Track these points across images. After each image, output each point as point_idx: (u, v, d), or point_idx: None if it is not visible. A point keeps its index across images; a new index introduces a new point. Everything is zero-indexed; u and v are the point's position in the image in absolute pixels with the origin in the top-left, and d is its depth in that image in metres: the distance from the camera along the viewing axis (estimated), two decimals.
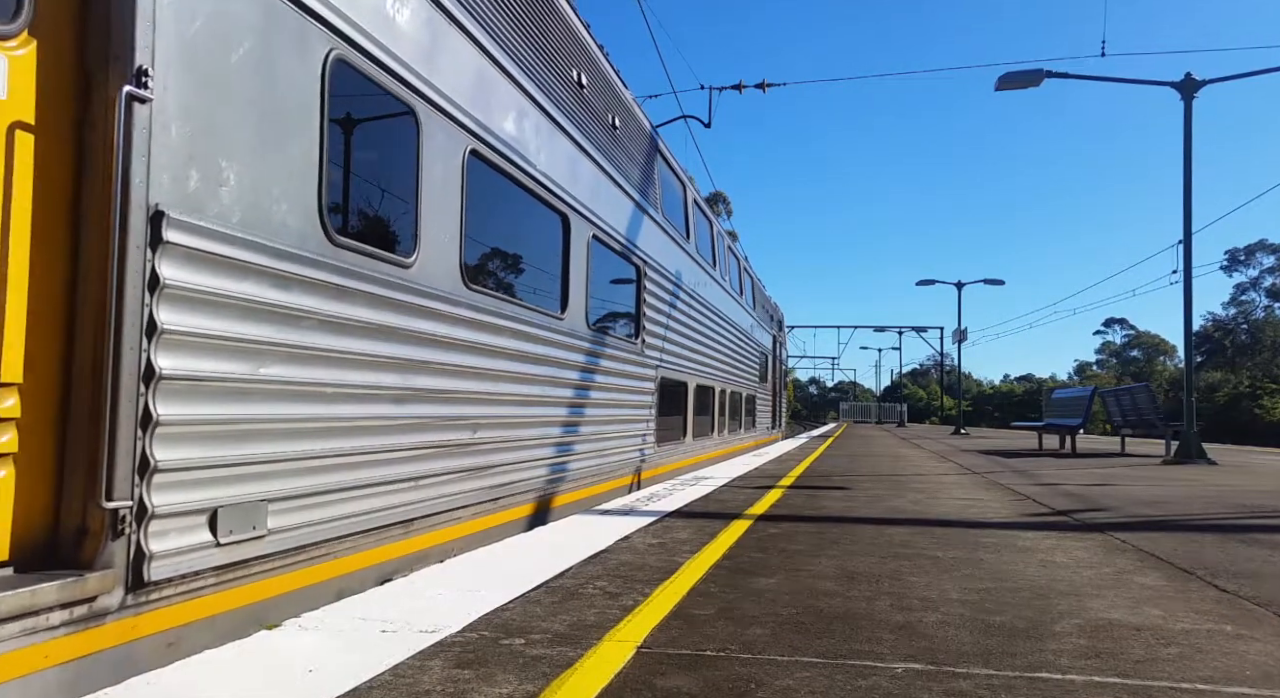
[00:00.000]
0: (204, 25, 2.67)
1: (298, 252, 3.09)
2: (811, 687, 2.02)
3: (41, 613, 2.10)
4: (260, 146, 2.93)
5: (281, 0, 3.03)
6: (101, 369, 2.31)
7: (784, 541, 4.25)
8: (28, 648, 2.08)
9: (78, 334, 2.34)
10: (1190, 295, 12.11)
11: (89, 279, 2.34)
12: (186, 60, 2.59)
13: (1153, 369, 78.08)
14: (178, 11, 2.54)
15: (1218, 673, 2.16)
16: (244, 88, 2.85)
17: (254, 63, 2.90)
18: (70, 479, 2.31)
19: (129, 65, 2.38)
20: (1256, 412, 47.86)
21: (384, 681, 2.03)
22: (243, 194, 2.83)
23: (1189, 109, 11.83)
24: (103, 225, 2.33)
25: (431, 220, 4.16)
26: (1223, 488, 7.66)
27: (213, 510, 2.67)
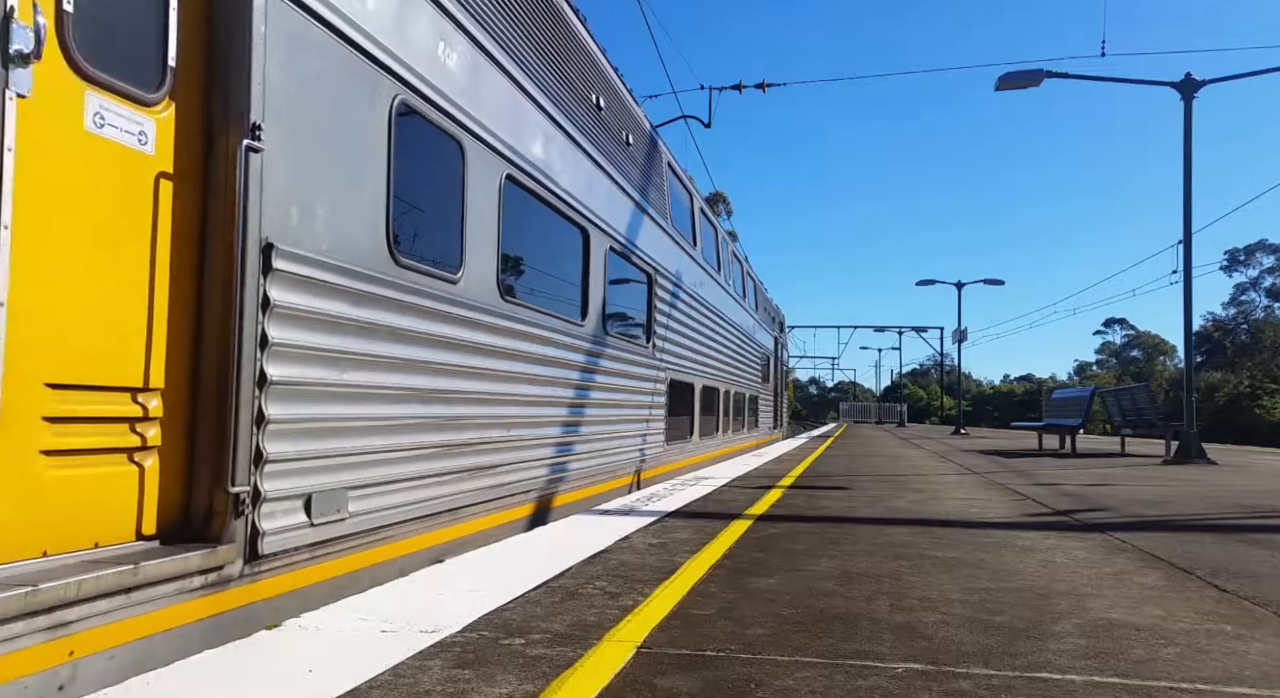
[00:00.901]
0: (301, 84, 3.13)
1: (371, 273, 3.55)
2: (811, 687, 2.02)
3: (189, 576, 2.58)
4: (342, 183, 3.40)
5: (360, 57, 3.50)
6: (226, 377, 2.76)
7: (784, 541, 4.25)
8: (179, 605, 2.55)
9: (204, 347, 2.80)
10: (1190, 295, 12.12)
11: (214, 301, 2.80)
12: (288, 115, 3.04)
13: (1153, 369, 78.08)
14: (282, 74, 2.99)
15: (1218, 673, 2.16)
16: (330, 134, 3.31)
17: (337, 112, 3.37)
18: (200, 468, 2.76)
19: (246, 122, 2.84)
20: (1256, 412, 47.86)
21: (384, 681, 2.03)
22: (329, 225, 3.29)
23: (1189, 109, 11.84)
24: (226, 256, 2.78)
25: (474, 240, 4.61)
26: (1223, 488, 7.66)
27: (308, 496, 3.12)
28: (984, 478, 8.65)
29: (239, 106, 2.84)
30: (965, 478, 8.68)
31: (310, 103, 3.18)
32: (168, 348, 2.69)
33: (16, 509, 2.20)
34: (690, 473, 9.24)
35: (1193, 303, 12.17)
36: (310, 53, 3.19)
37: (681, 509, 5.53)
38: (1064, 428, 14.64)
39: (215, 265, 2.80)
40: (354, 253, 3.44)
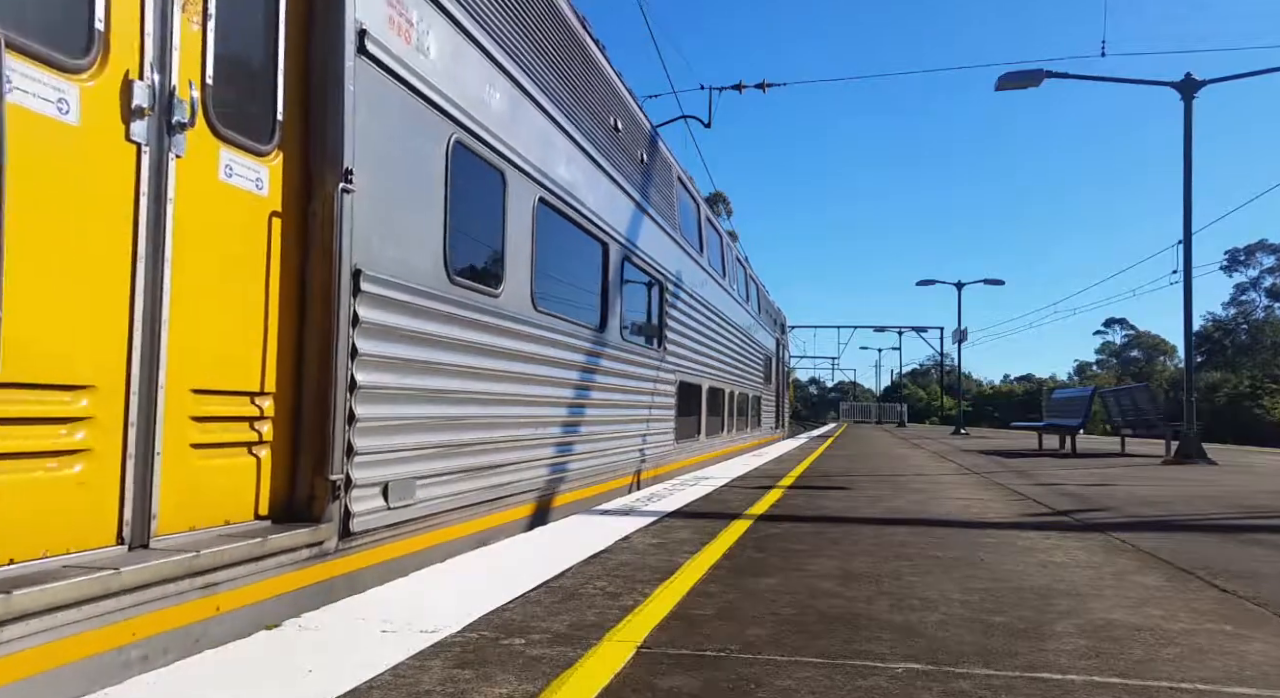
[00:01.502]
0: (381, 132, 3.62)
1: (432, 291, 4.06)
2: (811, 687, 2.02)
3: (299, 550, 3.04)
4: (410, 214, 3.91)
5: (425, 105, 4.01)
6: (325, 382, 3.27)
7: (784, 541, 4.25)
8: (289, 573, 3.01)
9: (306, 357, 3.30)
10: (1190, 295, 12.11)
11: (314, 319, 3.31)
12: (372, 160, 3.54)
13: (1153, 369, 78.06)
14: (367, 124, 3.49)
15: (1218, 673, 2.16)
16: (402, 173, 3.82)
17: (407, 154, 3.88)
18: (303, 460, 3.26)
19: (340, 167, 3.33)
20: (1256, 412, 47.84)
21: (384, 681, 2.03)
22: (402, 251, 3.80)
23: (1189, 109, 11.83)
24: (325, 281, 3.29)
25: (512, 258, 5.14)
26: (1223, 488, 7.66)
27: (385, 484, 3.62)
28: (984, 478, 8.65)
29: (335, 154, 3.35)
30: (965, 478, 8.68)
31: (388, 147, 3.70)
32: (278, 358, 3.20)
33: (175, 492, 2.71)
34: (696, 471, 9.35)
35: (1193, 303, 12.17)
36: (387, 105, 3.70)
37: (681, 509, 5.53)
38: (1064, 428, 14.64)
39: (315, 289, 3.32)
40: (419, 274, 3.96)
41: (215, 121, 2.88)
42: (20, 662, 2.03)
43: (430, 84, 4.03)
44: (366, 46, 3.50)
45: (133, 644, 2.36)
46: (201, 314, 2.82)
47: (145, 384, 2.60)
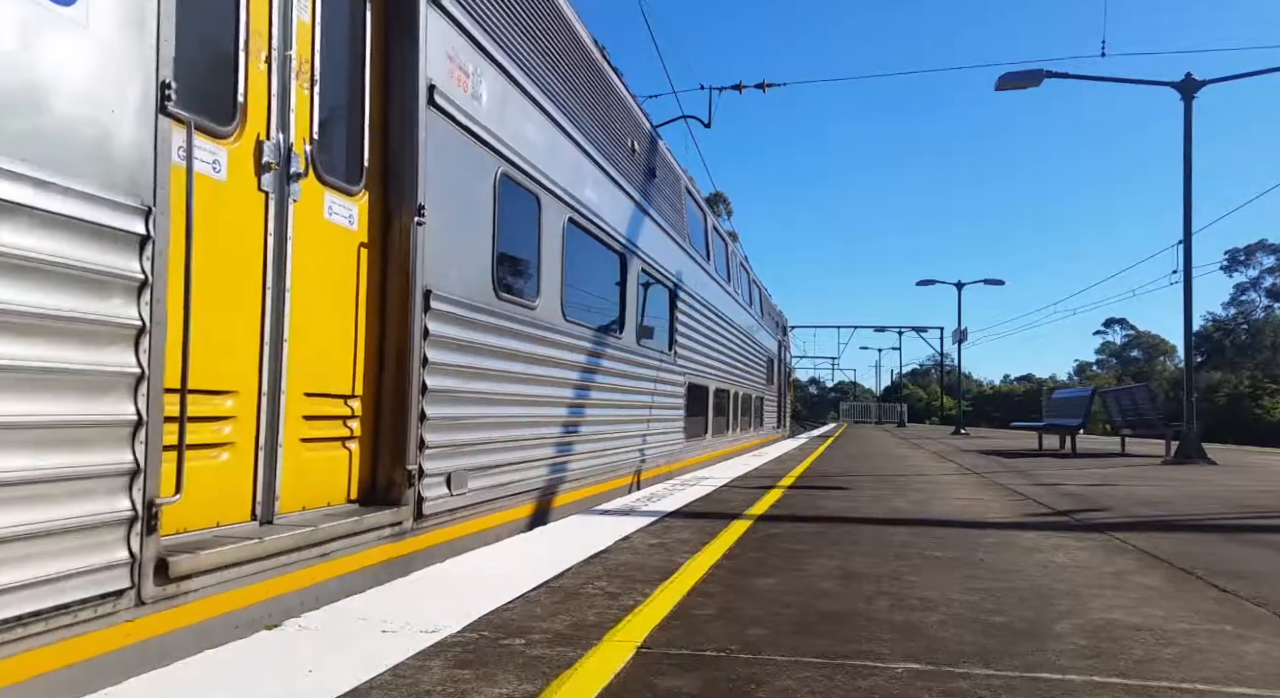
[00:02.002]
0: (445, 171, 4.19)
1: (483, 305, 4.64)
2: (811, 687, 2.02)
3: (384, 528, 3.62)
4: (467, 239, 4.48)
5: (479, 145, 4.58)
6: (402, 387, 3.83)
7: (784, 541, 4.25)
8: (376, 548, 3.56)
9: (385, 365, 3.85)
10: (1190, 295, 12.11)
11: (392, 332, 3.86)
12: (438, 195, 4.08)
13: (1153, 369, 78.05)
14: (434, 165, 4.05)
15: (1218, 673, 2.16)
16: (461, 204, 4.39)
17: (465, 188, 4.47)
18: (384, 452, 3.81)
19: (415, 204, 3.89)
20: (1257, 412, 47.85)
21: (384, 681, 2.03)
22: (460, 272, 4.37)
23: (1189, 109, 11.83)
24: (402, 301, 3.85)
25: (546, 273, 5.71)
26: (1223, 488, 7.66)
27: (448, 474, 4.19)
28: (984, 478, 8.65)
29: (410, 193, 3.89)
30: (965, 478, 8.68)
31: (450, 183, 4.26)
32: (363, 365, 3.73)
33: (293, 478, 3.25)
34: (698, 471, 9.49)
35: (1193, 303, 12.18)
36: (450, 147, 4.27)
37: (682, 509, 5.53)
38: (1064, 428, 14.63)
39: (394, 307, 3.86)
40: (474, 291, 4.55)
41: (320, 170, 3.43)
42: (200, 608, 2.62)
43: (483, 126, 4.63)
44: (435, 99, 4.06)
45: (272, 599, 2.90)
46: (310, 329, 3.38)
47: (272, 388, 3.14)
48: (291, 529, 3.02)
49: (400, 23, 3.91)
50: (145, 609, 2.40)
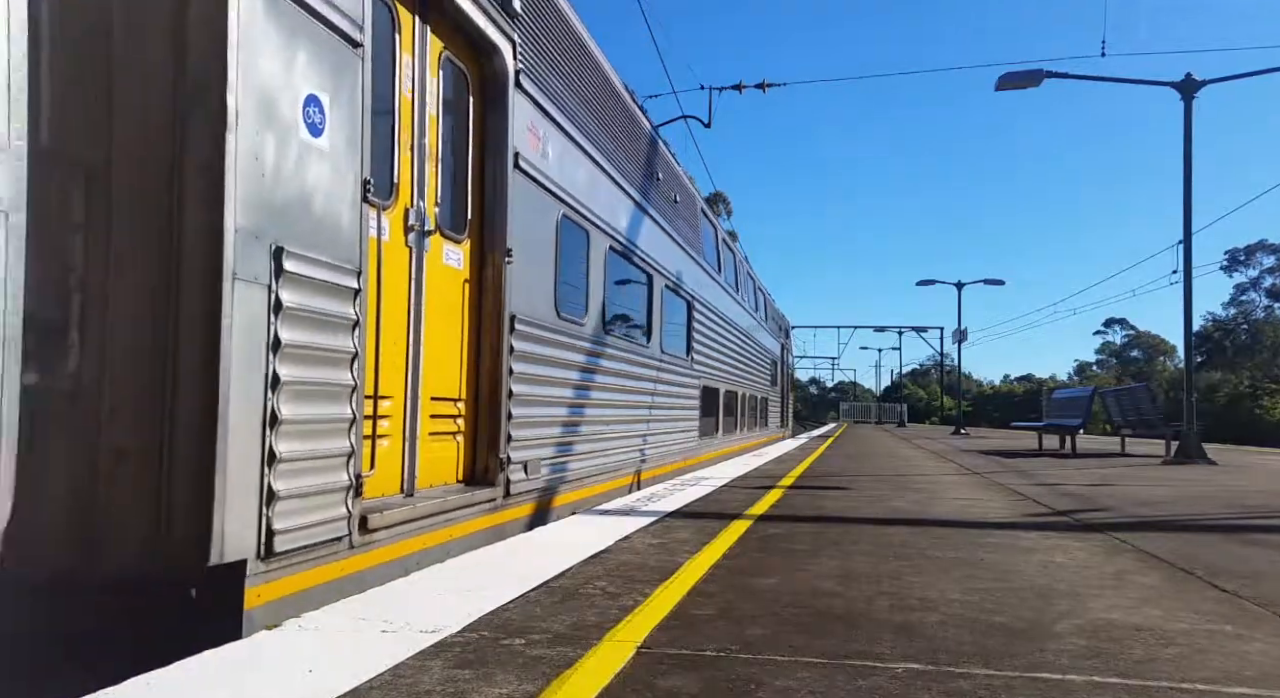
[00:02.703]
0: (525, 217, 5.15)
1: (549, 325, 5.64)
2: (811, 687, 2.02)
3: (484, 503, 4.58)
4: (537, 272, 5.44)
5: (547, 194, 5.55)
6: (495, 392, 4.81)
7: (784, 541, 4.25)
8: (480, 518, 4.54)
9: (481, 375, 4.83)
10: (1190, 296, 12.11)
11: (487, 348, 4.84)
12: (519, 238, 5.03)
13: (1153, 369, 78.02)
14: (517, 215, 4.99)
15: (1218, 673, 2.16)
16: (534, 244, 5.35)
17: (537, 230, 5.44)
18: (481, 444, 4.81)
19: (504, 246, 4.88)
20: (1257, 412, 47.81)
21: (384, 681, 2.03)
22: (533, 299, 5.33)
23: (1189, 109, 11.83)
24: (495, 324, 4.85)
25: (591, 295, 6.69)
26: (1222, 488, 7.66)
27: (525, 462, 5.16)
28: (984, 478, 8.65)
29: (501, 238, 4.88)
30: (965, 478, 8.68)
31: (527, 228, 5.20)
32: (466, 374, 4.73)
33: (424, 463, 4.21)
34: (697, 471, 9.74)
35: (1193, 303, 12.19)
36: (528, 198, 5.21)
37: (681, 509, 5.53)
38: (1064, 428, 14.64)
39: (488, 329, 4.86)
40: (541, 314, 5.53)
41: (440, 226, 4.39)
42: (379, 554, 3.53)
43: (549, 178, 5.57)
44: (519, 163, 5.03)
45: (419, 552, 3.84)
46: (433, 347, 4.32)
47: (413, 393, 4.10)
48: (429, 500, 4.03)
49: (495, 105, 4.90)
50: (354, 551, 3.34)
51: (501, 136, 4.87)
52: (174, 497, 2.60)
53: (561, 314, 5.87)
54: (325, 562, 3.13)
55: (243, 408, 2.71)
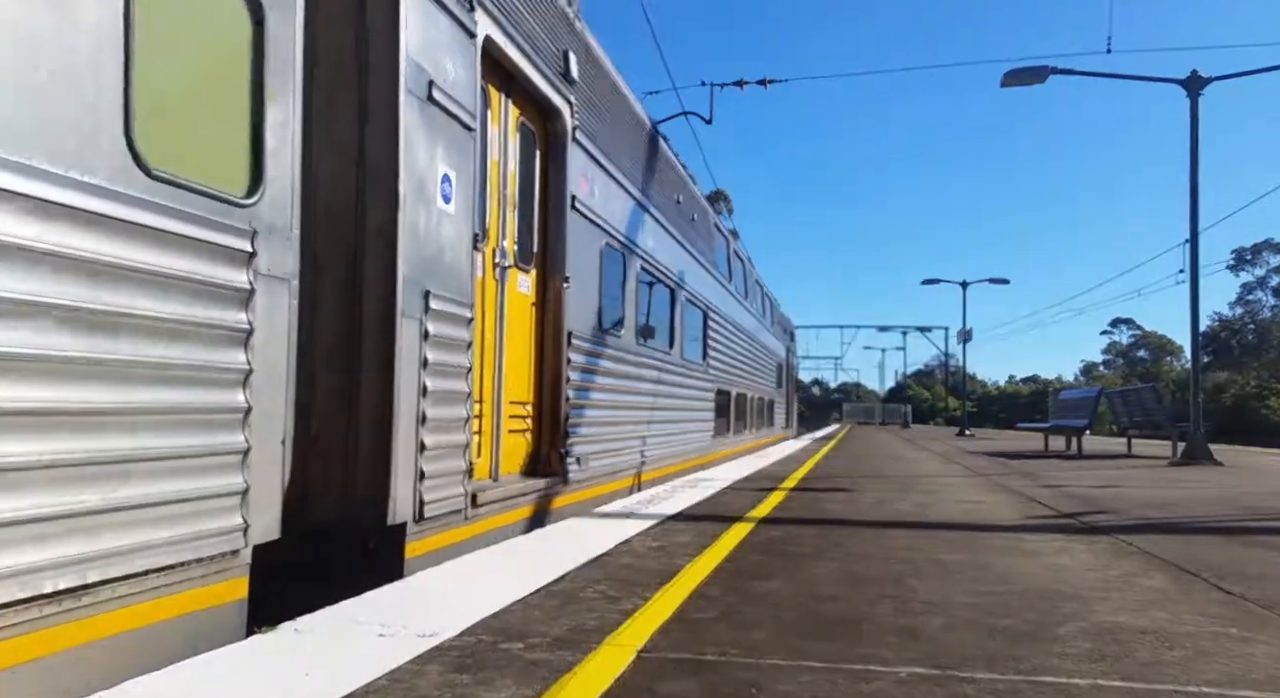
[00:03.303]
0: (578, 248, 6.09)
1: (595, 339, 6.60)
2: (814, 691, 2.00)
3: (548, 489, 5.48)
4: (586, 294, 6.36)
5: (595, 228, 6.55)
6: (556, 396, 5.75)
7: (786, 544, 4.23)
8: (543, 501, 5.37)
9: (544, 383, 5.74)
10: (1197, 295, 12.05)
11: (547, 360, 5.76)
12: (573, 266, 5.92)
13: (1159, 370, 77.77)
14: (572, 247, 5.93)
15: (1223, 676, 2.13)
16: (584, 270, 6.27)
17: (587, 258, 6.37)
18: (544, 440, 5.73)
19: (563, 274, 5.79)
20: (1263, 412, 47.64)
21: (381, 685, 2.01)
22: (584, 316, 6.29)
23: (1195, 106, 11.78)
24: (556, 340, 5.77)
25: (627, 310, 7.64)
26: (1229, 490, 7.61)
27: (579, 456, 6.07)
28: (989, 480, 8.61)
29: (560, 267, 5.82)
30: (970, 480, 8.65)
31: (579, 256, 6.12)
32: (533, 382, 5.67)
33: (504, 455, 5.12)
34: (709, 469, 10.07)
35: (1199, 303, 12.12)
36: (580, 233, 6.16)
37: (683, 512, 5.51)
38: (1070, 429, 14.58)
39: (549, 344, 5.78)
40: (589, 329, 6.43)
41: (516, 260, 5.30)
42: (478, 526, 4.43)
43: (596, 213, 6.52)
44: (575, 204, 6.00)
45: (505, 527, 4.73)
46: (510, 360, 5.20)
47: (496, 398, 5.01)
48: (511, 484, 5.05)
49: (556, 157, 5.86)
50: (466, 522, 4.26)
51: (561, 183, 5.84)
52: (359, 476, 3.53)
53: (604, 329, 6.86)
54: (450, 528, 4.11)
55: (405, 412, 3.63)
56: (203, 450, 2.64)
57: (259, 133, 3.03)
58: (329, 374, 3.51)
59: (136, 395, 2.40)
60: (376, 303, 3.60)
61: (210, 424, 2.68)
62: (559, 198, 5.82)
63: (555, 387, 5.75)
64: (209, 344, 2.67)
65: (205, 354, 2.66)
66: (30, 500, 2.09)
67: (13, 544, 2.05)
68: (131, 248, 2.38)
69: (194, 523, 2.60)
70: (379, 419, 3.55)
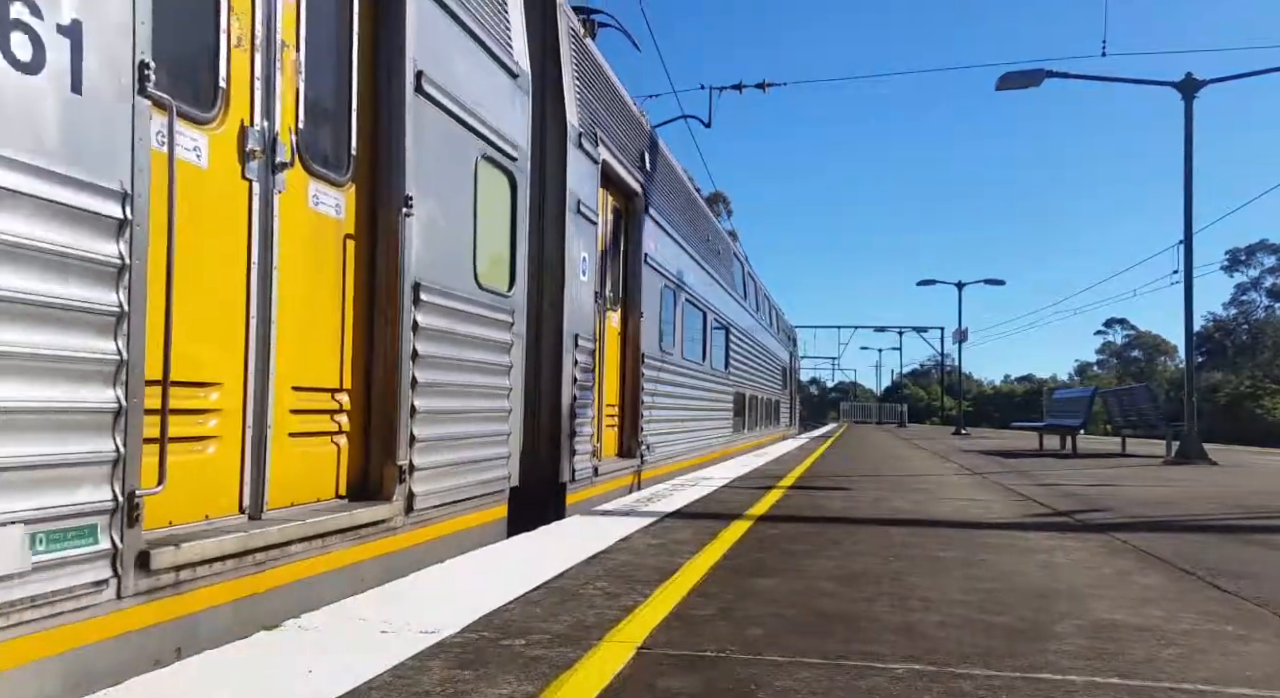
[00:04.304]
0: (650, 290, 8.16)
1: (657, 356, 8.41)
2: (812, 688, 2.02)
3: (631, 468, 7.53)
4: (653, 323, 8.15)
5: (657, 274, 8.51)
6: (635, 399, 7.75)
7: (784, 541, 4.25)
8: (630, 476, 7.51)
9: (626, 392, 7.74)
10: (1191, 296, 12.11)
11: (628, 375, 7.78)
12: (646, 304, 7.99)
13: (1154, 370, 77.98)
14: (647, 287, 8.14)
15: (1219, 674, 2.16)
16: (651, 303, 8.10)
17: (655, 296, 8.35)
18: (627, 432, 7.68)
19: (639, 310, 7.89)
20: (1257, 412, 47.79)
21: (384, 681, 2.03)
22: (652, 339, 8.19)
23: (1190, 109, 11.82)
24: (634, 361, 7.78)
25: (677, 333, 9.58)
26: (1223, 488, 7.65)
27: (647, 444, 7.89)
28: (985, 478, 8.64)
29: (637, 306, 7.72)
30: (966, 478, 8.68)
31: (649, 295, 8.04)
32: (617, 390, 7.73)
33: (605, 445, 6.95)
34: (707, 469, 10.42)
35: (1193, 303, 12.17)
36: (650, 280, 8.17)
37: (682, 510, 5.53)
38: (1065, 428, 14.63)
39: (630, 362, 7.89)
40: (654, 349, 8.27)
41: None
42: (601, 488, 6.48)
43: (659, 264, 8.49)
44: (646, 260, 7.96)
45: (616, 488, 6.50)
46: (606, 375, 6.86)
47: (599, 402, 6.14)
48: (613, 462, 6.88)
49: (634, 227, 7.84)
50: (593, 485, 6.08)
51: (638, 244, 7.86)
52: (542, 453, 5.59)
53: (664, 350, 8.83)
54: (585, 488, 6.06)
55: (566, 412, 5.65)
56: (498, 433, 4.62)
57: (514, 253, 4.93)
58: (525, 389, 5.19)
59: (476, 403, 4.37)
60: (552, 347, 5.68)
61: (499, 418, 4.63)
62: (635, 256, 7.85)
63: (634, 395, 7.70)
64: (497, 374, 4.59)
65: (495, 379, 4.56)
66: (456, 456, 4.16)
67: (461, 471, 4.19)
68: (471, 324, 4.29)
69: (497, 471, 4.61)
70: (555, 418, 5.64)
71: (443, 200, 3.99)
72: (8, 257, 1.99)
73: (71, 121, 2.17)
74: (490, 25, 4.54)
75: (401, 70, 3.66)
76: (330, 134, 3.48)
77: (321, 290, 3.41)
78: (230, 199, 2.91)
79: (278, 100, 3.11)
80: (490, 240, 4.56)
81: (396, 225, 3.64)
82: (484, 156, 4.45)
